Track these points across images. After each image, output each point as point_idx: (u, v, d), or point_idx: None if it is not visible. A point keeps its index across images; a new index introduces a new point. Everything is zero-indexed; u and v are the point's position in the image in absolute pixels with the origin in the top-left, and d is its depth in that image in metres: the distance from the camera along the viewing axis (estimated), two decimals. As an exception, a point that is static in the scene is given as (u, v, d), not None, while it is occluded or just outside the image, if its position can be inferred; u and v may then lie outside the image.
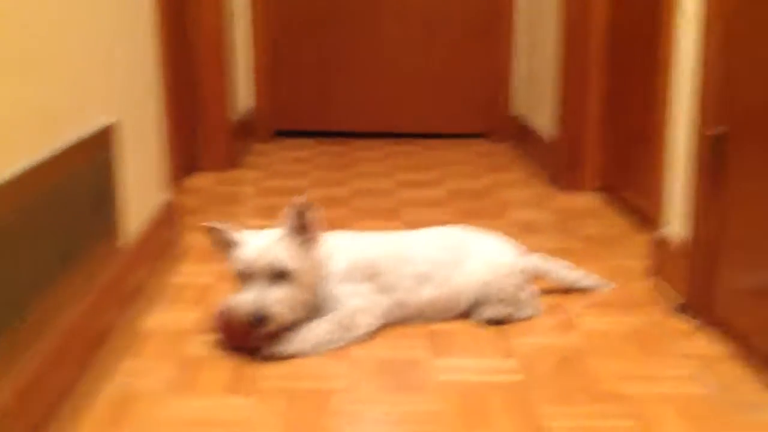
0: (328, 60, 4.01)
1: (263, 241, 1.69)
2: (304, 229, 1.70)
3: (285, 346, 1.67)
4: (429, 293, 1.83)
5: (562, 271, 2.02)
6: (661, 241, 2.07)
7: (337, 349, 1.70)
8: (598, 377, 1.61)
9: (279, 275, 1.66)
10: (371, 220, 2.69)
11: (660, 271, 2.07)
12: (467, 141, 4.01)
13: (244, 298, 1.64)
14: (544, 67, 3.37)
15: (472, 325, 1.84)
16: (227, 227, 1.72)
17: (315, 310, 1.74)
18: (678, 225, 2.00)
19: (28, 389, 1.28)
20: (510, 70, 3.95)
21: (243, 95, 3.84)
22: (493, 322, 1.84)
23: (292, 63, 3.99)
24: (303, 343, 1.68)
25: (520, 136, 3.79)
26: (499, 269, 1.86)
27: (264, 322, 1.63)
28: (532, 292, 1.91)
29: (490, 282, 1.85)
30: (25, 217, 1.31)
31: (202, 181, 3.21)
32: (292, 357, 1.66)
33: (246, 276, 1.67)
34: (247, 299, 1.64)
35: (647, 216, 2.45)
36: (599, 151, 3.04)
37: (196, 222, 2.59)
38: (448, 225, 2.06)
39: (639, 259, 2.25)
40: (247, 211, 2.82)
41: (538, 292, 1.94)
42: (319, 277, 1.74)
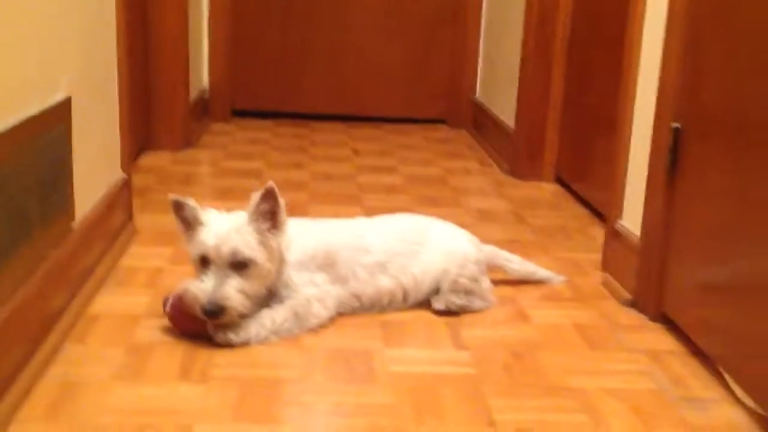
0: (290, 39, 3.96)
1: (227, 225, 1.64)
2: (270, 216, 1.66)
3: (238, 333, 1.64)
4: (385, 283, 1.82)
5: (515, 263, 2.03)
6: (614, 234, 2.09)
7: (289, 337, 1.69)
8: (548, 371, 1.62)
9: (240, 264, 1.62)
10: (330, 205, 2.67)
11: (611, 265, 2.09)
12: (429, 126, 4.01)
13: (201, 287, 1.60)
14: (507, 55, 3.37)
15: (424, 316, 1.84)
16: (195, 204, 1.67)
17: (269, 297, 1.71)
18: (630, 220, 2.02)
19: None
20: (475, 56, 3.94)
21: (200, 73, 3.77)
22: (447, 313, 1.84)
23: (252, 41, 3.93)
24: (257, 331, 1.65)
25: (481, 123, 3.80)
26: (456, 260, 1.86)
27: (220, 314, 1.60)
28: (486, 284, 1.91)
29: (446, 272, 1.85)
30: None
31: (157, 159, 3.14)
32: (245, 345, 1.64)
33: (205, 261, 1.63)
34: (205, 289, 1.59)
35: (603, 209, 2.47)
36: (559, 141, 3.06)
37: (148, 202, 2.56)
38: (407, 213, 2.05)
39: (592, 252, 2.27)
40: (203, 192, 2.77)
41: (491, 284, 1.95)
42: (278, 266, 1.71)
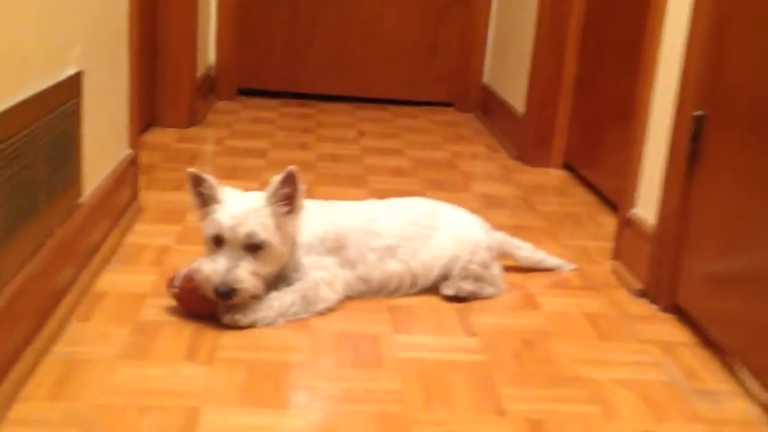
0: (297, 19, 3.92)
1: (244, 206, 1.61)
2: (288, 200, 1.63)
3: (246, 314, 1.61)
4: (394, 268, 1.79)
5: (525, 250, 2.00)
6: (626, 223, 2.07)
7: (297, 320, 1.67)
8: (559, 360, 1.60)
9: (254, 247, 1.60)
10: (337, 187, 2.64)
11: (622, 254, 2.07)
12: (436, 109, 3.97)
13: (214, 268, 1.57)
14: (519, 39, 3.33)
15: (433, 301, 1.82)
16: (214, 180, 1.64)
17: (277, 279, 1.69)
18: (644, 208, 2.00)
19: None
20: (484, 39, 3.90)
21: (207, 50, 3.74)
22: (456, 299, 1.82)
23: (259, 20, 3.89)
24: (264, 313, 1.63)
25: (490, 107, 3.76)
26: (467, 246, 1.84)
27: (231, 296, 1.58)
28: (497, 271, 1.89)
29: (456, 258, 1.82)
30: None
31: (162, 137, 3.11)
32: (253, 326, 1.62)
33: (219, 240, 1.60)
34: (218, 269, 1.57)
35: (613, 196, 2.45)
36: (568, 127, 3.02)
37: (153, 180, 2.53)
38: (416, 196, 2.03)
39: (601, 239, 2.25)
40: (208, 171, 2.71)
41: (501, 271, 1.92)
42: (291, 249, 1.68)
